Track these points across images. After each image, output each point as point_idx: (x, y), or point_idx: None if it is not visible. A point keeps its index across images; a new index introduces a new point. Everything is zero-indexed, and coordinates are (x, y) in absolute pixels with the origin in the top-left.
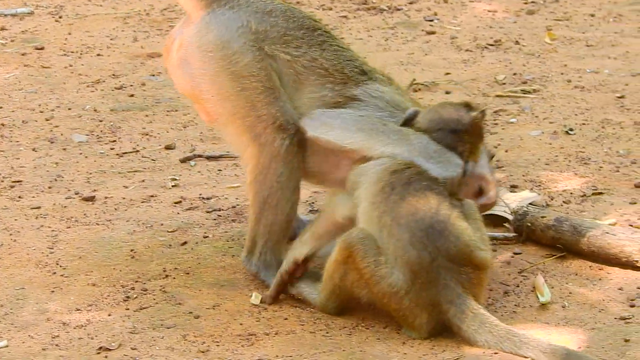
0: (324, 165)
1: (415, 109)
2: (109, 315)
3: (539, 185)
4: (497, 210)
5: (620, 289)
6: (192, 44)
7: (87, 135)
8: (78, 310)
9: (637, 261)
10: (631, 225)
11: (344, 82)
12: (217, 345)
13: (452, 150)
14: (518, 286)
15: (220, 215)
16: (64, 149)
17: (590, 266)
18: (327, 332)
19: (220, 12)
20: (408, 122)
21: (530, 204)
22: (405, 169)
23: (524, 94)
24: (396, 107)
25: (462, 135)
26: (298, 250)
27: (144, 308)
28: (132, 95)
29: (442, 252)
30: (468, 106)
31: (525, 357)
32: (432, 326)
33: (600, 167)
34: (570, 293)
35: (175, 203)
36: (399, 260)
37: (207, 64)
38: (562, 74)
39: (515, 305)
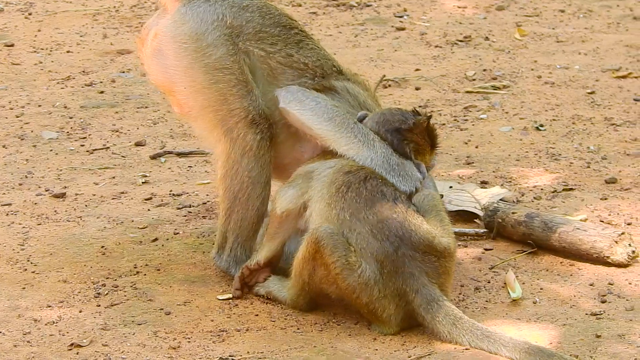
0: (287, 157)
1: (364, 112)
2: (80, 311)
3: (510, 181)
4: (468, 206)
5: (591, 285)
6: (166, 34)
7: (57, 132)
8: (49, 306)
9: (608, 257)
10: (602, 221)
11: (323, 76)
12: (188, 342)
13: (399, 150)
14: (489, 282)
15: (191, 212)
16: (34, 146)
17: (561, 262)
18: (298, 329)
19: (196, 4)
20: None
21: (500, 200)
22: (360, 169)
23: (494, 90)
24: (367, 108)
25: (406, 133)
26: (259, 254)
27: (115, 304)
28: (102, 92)
29: (405, 240)
30: (415, 112)
31: (487, 351)
32: (400, 318)
33: (571, 163)
34: (541, 289)
35: (146, 200)
36: (364, 252)
37: (180, 55)
38: (532, 69)
39: (486, 301)
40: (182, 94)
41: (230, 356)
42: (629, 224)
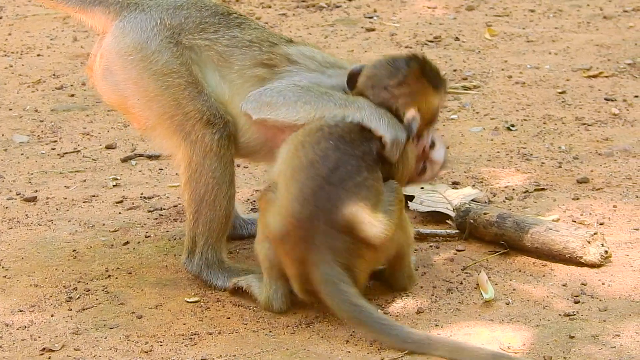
0: (267, 135)
1: (361, 65)
2: (52, 316)
3: (481, 182)
4: (440, 207)
5: (564, 285)
6: (111, 51)
7: (28, 135)
8: (21, 311)
9: (580, 257)
10: (574, 221)
11: (271, 45)
12: (160, 345)
13: (389, 104)
14: (461, 283)
15: (162, 215)
16: (5, 150)
17: (533, 262)
18: (270, 331)
19: (132, 17)
20: (353, 78)
21: (472, 200)
22: (318, 131)
23: (465, 90)
24: (330, 65)
25: (395, 90)
26: None
27: (87, 308)
28: (72, 95)
29: (324, 213)
30: (409, 57)
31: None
32: (303, 284)
33: (542, 163)
34: (514, 290)
35: (117, 203)
36: (284, 210)
37: (128, 68)
38: (502, 69)
39: (458, 302)
40: (137, 107)
41: (202, 359)
42: (601, 224)
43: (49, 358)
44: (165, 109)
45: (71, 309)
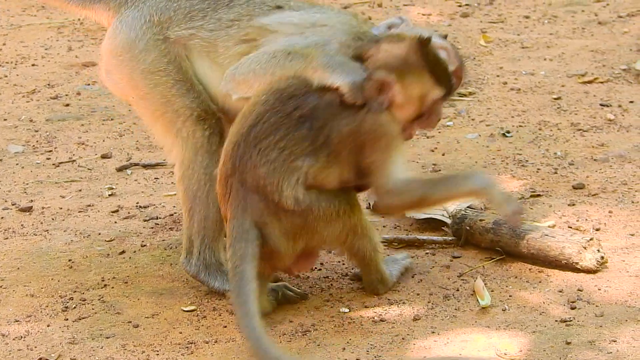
0: None
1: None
2: (48, 325)
3: None
4: (436, 214)
5: (560, 291)
6: (106, 52)
7: (23, 145)
8: (17, 321)
9: (576, 263)
10: (570, 227)
11: (250, 19)
12: (157, 355)
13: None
14: (458, 290)
15: (158, 224)
16: (0, 160)
17: (530, 269)
18: None
19: (126, 14)
20: None
21: (468, 207)
22: (264, 99)
23: (460, 97)
24: (311, 25)
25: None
26: None
27: (83, 318)
28: (67, 105)
29: (239, 171)
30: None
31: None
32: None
33: (538, 169)
34: (510, 296)
35: (113, 212)
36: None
37: (120, 68)
38: (497, 76)
39: (455, 309)
40: (135, 105)
41: None
42: (597, 230)
43: None
44: (157, 106)
45: (67, 319)
